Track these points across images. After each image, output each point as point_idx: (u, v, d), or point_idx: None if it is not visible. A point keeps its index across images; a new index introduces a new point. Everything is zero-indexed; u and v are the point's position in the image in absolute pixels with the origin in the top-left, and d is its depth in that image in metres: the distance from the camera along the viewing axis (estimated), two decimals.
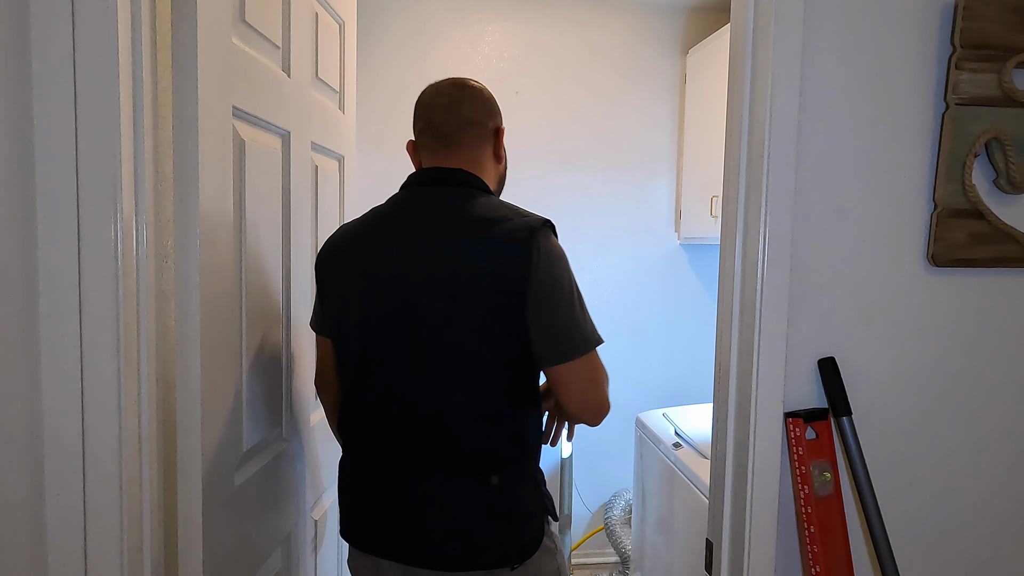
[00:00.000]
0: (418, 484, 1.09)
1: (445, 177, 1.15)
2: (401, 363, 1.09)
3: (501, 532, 1.09)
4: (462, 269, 1.05)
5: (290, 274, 1.24)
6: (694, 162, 2.62)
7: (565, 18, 2.64)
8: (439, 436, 1.08)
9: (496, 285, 1.04)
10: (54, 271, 0.80)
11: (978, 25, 1.02)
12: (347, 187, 1.58)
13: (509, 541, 1.10)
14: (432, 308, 1.06)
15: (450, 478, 1.08)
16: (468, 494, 1.08)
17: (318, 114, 1.36)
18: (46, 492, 0.82)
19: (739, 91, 1.06)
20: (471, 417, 1.08)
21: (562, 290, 1.07)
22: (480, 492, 1.08)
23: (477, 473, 1.08)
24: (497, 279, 1.04)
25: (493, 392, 1.08)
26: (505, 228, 1.06)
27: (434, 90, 1.20)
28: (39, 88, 0.78)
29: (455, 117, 1.16)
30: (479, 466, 1.08)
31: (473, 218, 1.08)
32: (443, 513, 1.08)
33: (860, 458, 1.04)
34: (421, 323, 1.07)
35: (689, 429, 1.95)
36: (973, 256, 1.07)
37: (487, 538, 1.09)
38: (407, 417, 1.09)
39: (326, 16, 1.40)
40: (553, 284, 1.06)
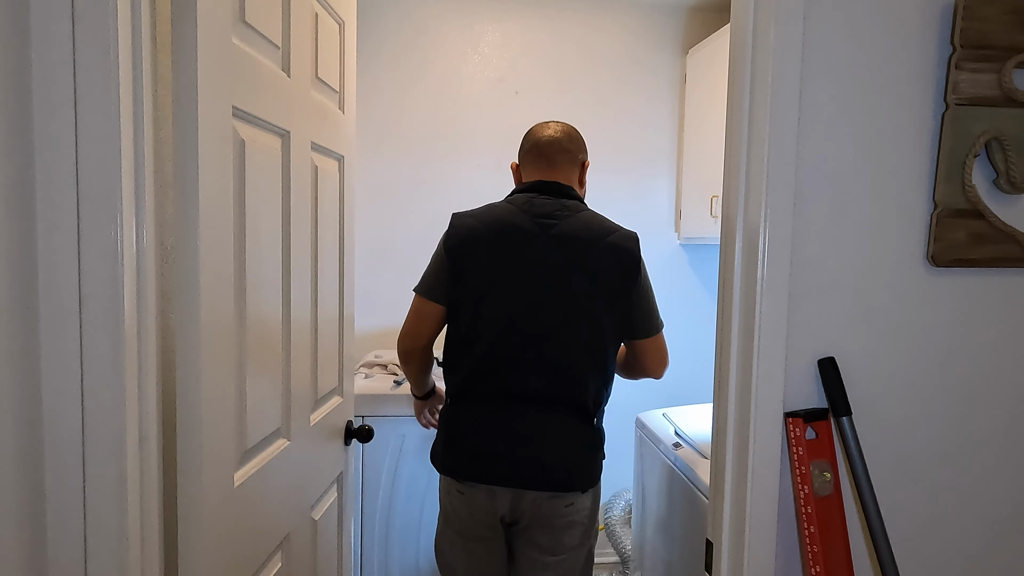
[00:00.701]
0: (543, 423, 1.44)
1: (560, 190, 1.53)
2: (544, 331, 1.43)
3: (591, 461, 1.49)
4: (595, 261, 1.44)
5: (290, 273, 1.24)
6: (694, 162, 2.62)
7: (565, 18, 2.64)
8: (568, 387, 1.44)
9: (618, 277, 1.45)
10: (54, 271, 0.80)
11: (978, 25, 1.02)
12: (347, 187, 1.58)
13: (592, 469, 1.49)
14: (573, 288, 1.43)
15: (566, 419, 1.46)
16: (579, 432, 1.47)
17: (318, 114, 1.36)
18: (46, 492, 0.82)
19: (739, 91, 1.06)
20: (592, 374, 1.46)
21: (649, 286, 1.53)
22: (587, 430, 1.48)
23: (588, 416, 1.48)
24: (619, 273, 1.46)
25: (605, 356, 1.47)
26: (620, 235, 1.49)
27: (543, 125, 1.62)
28: (39, 88, 0.78)
29: (562, 142, 1.57)
30: (591, 412, 1.48)
31: (595, 223, 1.49)
32: (558, 446, 1.45)
33: (860, 458, 1.04)
34: (564, 299, 1.43)
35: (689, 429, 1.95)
36: (973, 256, 1.07)
37: (585, 466, 1.48)
38: (543, 373, 1.43)
39: (326, 16, 1.40)
40: (646, 281, 1.52)
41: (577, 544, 1.50)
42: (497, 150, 2.65)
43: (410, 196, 2.65)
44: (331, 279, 1.49)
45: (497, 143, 2.64)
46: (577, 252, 1.44)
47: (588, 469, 1.48)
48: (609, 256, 1.44)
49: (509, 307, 1.44)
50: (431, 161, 2.63)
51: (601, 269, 1.44)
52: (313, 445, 1.40)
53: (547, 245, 1.44)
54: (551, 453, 1.44)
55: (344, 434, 1.62)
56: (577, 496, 1.47)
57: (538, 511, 1.46)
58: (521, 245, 1.44)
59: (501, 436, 1.45)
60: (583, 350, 1.45)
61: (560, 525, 1.47)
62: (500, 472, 1.45)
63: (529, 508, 1.47)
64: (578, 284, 1.43)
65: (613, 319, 1.46)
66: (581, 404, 1.46)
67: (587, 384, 1.45)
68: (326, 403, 1.49)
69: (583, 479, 1.47)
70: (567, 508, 1.46)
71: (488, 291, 1.45)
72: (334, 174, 1.49)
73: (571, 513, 1.47)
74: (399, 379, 2.23)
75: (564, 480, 1.45)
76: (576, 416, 1.46)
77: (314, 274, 1.37)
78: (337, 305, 1.54)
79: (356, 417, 1.91)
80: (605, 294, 1.44)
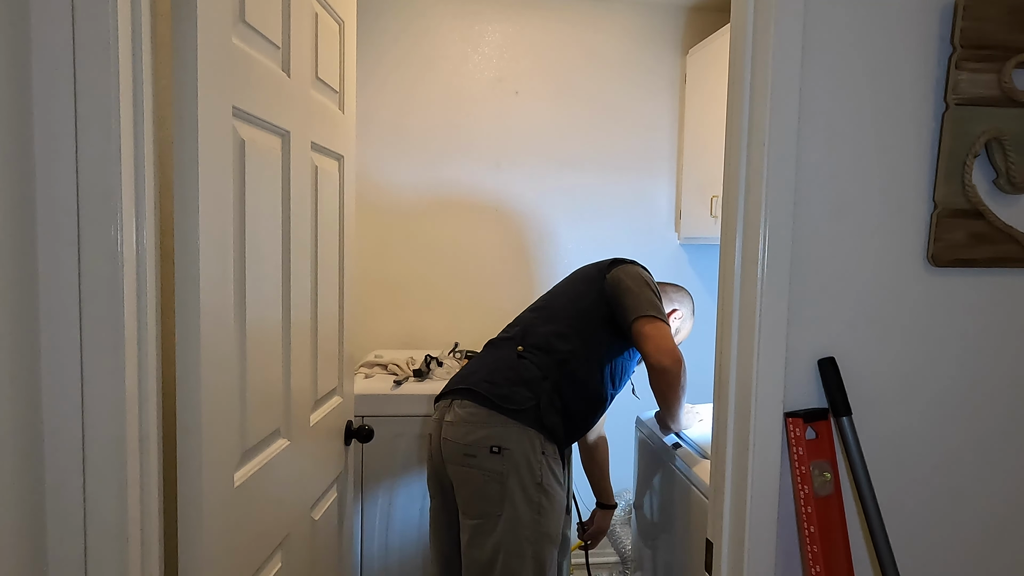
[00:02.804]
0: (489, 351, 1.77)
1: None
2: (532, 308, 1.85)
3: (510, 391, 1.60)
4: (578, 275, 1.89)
5: (290, 273, 1.24)
6: (694, 162, 2.62)
7: (565, 18, 2.64)
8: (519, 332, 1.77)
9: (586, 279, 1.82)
10: (54, 271, 0.80)
11: (978, 25, 1.02)
12: (347, 187, 1.58)
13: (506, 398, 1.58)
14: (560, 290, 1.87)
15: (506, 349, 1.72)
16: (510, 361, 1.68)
17: (318, 114, 1.36)
18: (46, 492, 0.82)
19: (739, 91, 1.06)
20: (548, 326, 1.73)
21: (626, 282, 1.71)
22: (519, 363, 1.66)
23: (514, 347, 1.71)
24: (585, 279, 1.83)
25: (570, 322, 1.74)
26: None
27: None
28: (39, 88, 0.78)
29: None
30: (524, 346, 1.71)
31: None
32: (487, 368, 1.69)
33: (860, 458, 1.04)
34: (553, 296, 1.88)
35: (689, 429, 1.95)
36: (973, 256, 1.07)
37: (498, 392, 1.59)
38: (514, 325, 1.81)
39: (326, 16, 1.40)
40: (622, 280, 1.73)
41: (492, 511, 1.54)
42: (497, 150, 2.65)
43: (410, 195, 2.65)
44: (331, 279, 1.49)
45: (497, 143, 2.64)
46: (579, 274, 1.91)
47: (497, 393, 1.58)
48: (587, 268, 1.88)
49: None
50: (431, 161, 2.63)
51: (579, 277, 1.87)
52: (313, 445, 1.40)
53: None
54: (479, 371, 1.68)
55: (344, 434, 1.62)
56: (482, 452, 1.54)
57: (447, 451, 1.60)
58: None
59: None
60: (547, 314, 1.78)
61: (465, 479, 1.57)
62: (448, 388, 1.69)
63: (445, 446, 1.61)
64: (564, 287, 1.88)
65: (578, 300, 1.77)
66: (522, 341, 1.71)
67: (537, 330, 1.73)
68: (326, 403, 1.49)
69: (489, 398, 1.57)
70: (467, 458, 1.56)
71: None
72: (334, 174, 1.49)
73: (471, 465, 1.55)
74: (399, 379, 2.23)
75: (468, 389, 1.62)
76: (511, 347, 1.71)
77: (314, 274, 1.37)
78: (337, 305, 1.54)
79: (356, 417, 1.91)
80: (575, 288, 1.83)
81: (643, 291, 1.68)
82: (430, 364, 2.29)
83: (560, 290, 1.85)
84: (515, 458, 1.55)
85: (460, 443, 1.58)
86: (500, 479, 1.55)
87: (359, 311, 2.56)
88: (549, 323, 1.74)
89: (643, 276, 1.74)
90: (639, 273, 1.74)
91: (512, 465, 1.55)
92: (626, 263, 1.78)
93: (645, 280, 1.73)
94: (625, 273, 1.73)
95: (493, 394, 1.59)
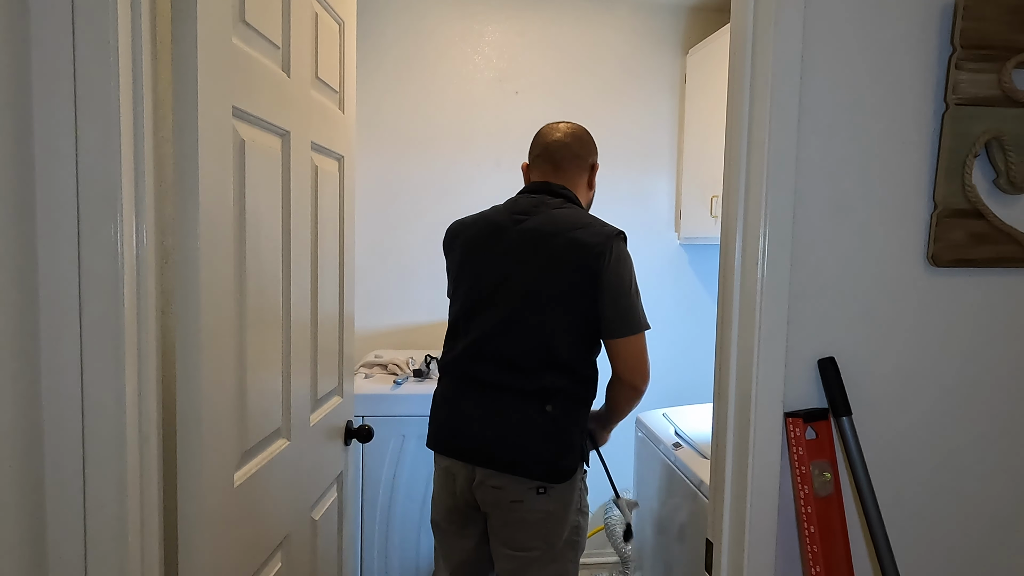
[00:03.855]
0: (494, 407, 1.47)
1: (550, 188, 1.56)
2: (498, 320, 1.46)
3: (544, 452, 1.44)
4: (549, 255, 1.44)
5: (290, 273, 1.24)
6: (694, 162, 2.62)
7: (565, 18, 2.64)
8: (516, 376, 1.45)
9: (575, 271, 1.43)
10: (54, 271, 0.80)
11: (978, 25, 1.02)
12: (347, 187, 1.58)
13: (545, 461, 1.44)
14: (525, 281, 1.45)
15: (516, 405, 1.46)
16: (528, 418, 1.45)
17: (318, 114, 1.36)
18: (46, 492, 0.82)
19: (739, 91, 1.06)
20: (542, 365, 1.45)
21: (626, 285, 1.47)
22: (539, 418, 1.44)
23: (539, 405, 1.45)
24: (576, 268, 1.43)
25: (558, 349, 1.45)
26: (588, 230, 1.45)
27: (552, 127, 1.63)
28: (39, 89, 0.78)
29: (568, 144, 1.59)
30: (542, 401, 1.45)
31: (567, 219, 1.48)
32: (506, 428, 1.45)
33: (860, 458, 1.04)
34: (517, 291, 1.46)
35: (689, 429, 1.95)
36: (973, 256, 1.07)
37: (535, 453, 1.44)
38: (495, 360, 1.47)
39: (326, 16, 1.40)
40: (617, 279, 1.45)
41: (536, 547, 1.46)
42: (497, 149, 2.65)
43: (410, 196, 2.65)
44: (331, 279, 1.49)
45: (497, 143, 2.64)
46: (535, 245, 1.45)
47: (540, 458, 1.44)
48: (566, 250, 1.43)
49: (473, 297, 1.52)
50: (431, 161, 2.63)
51: (554, 262, 1.43)
52: (313, 445, 1.40)
53: (511, 239, 1.48)
54: (496, 433, 1.46)
55: (344, 434, 1.62)
56: (529, 495, 1.44)
57: (488, 496, 1.48)
58: (491, 240, 1.51)
59: (459, 415, 1.52)
60: (531, 341, 1.45)
61: (512, 520, 1.47)
62: (454, 447, 1.51)
63: (480, 491, 1.49)
64: (529, 276, 1.45)
65: (568, 313, 1.44)
66: (530, 393, 1.45)
67: (537, 375, 1.44)
68: (326, 403, 1.49)
69: (532, 468, 1.44)
70: (513, 504, 1.45)
71: (461, 283, 1.55)
72: (334, 174, 1.49)
73: (520, 510, 1.45)
74: (399, 379, 2.23)
75: (509, 461, 1.44)
76: (527, 404, 1.45)
77: (314, 274, 1.37)
78: (337, 305, 1.54)
79: (356, 417, 1.91)
80: (556, 287, 1.44)
81: (637, 298, 1.50)
82: (430, 364, 2.29)
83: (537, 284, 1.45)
84: (562, 494, 1.48)
85: (504, 492, 1.47)
86: (548, 516, 1.48)
87: (360, 311, 2.56)
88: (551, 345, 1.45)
89: (633, 271, 1.52)
90: (632, 267, 1.51)
91: (560, 501, 1.48)
92: (621, 244, 1.47)
93: (635, 277, 1.52)
94: (625, 269, 1.47)
95: (537, 473, 1.45)
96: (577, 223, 1.47)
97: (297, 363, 1.28)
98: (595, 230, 1.46)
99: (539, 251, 1.45)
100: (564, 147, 1.59)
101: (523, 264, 1.46)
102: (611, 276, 1.43)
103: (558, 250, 1.43)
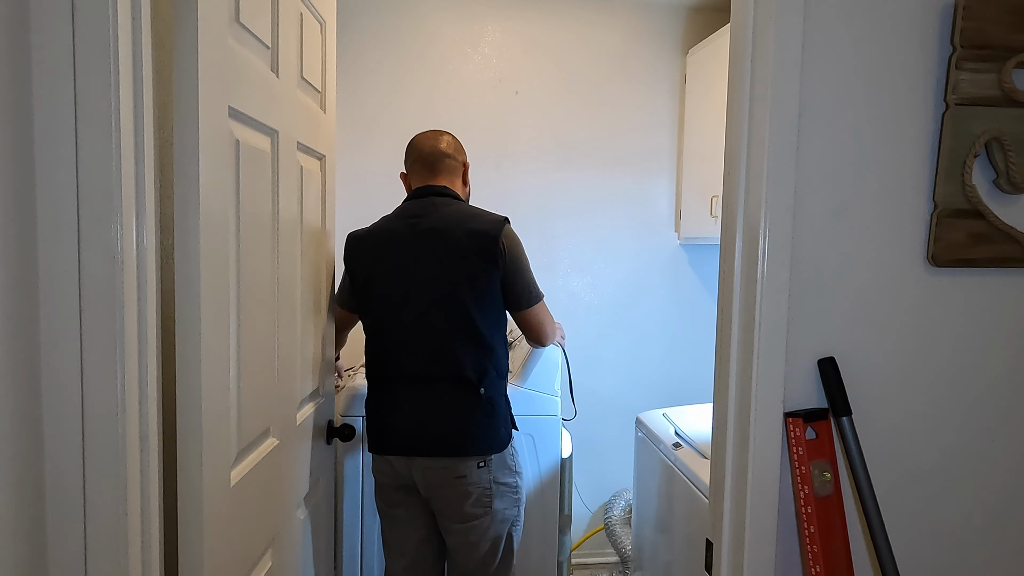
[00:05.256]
0: (426, 398, 1.61)
1: (434, 190, 1.69)
2: (417, 316, 1.59)
3: (482, 429, 1.61)
4: (452, 248, 1.58)
5: (279, 275, 1.24)
6: (694, 162, 2.62)
7: (565, 18, 2.64)
8: (443, 364, 1.59)
9: (475, 257, 1.58)
10: (54, 271, 0.80)
11: (978, 25, 1.02)
12: (328, 187, 1.58)
13: (483, 436, 1.62)
14: (435, 275, 1.59)
15: (447, 391, 1.60)
16: (461, 402, 1.60)
17: (303, 114, 1.35)
18: (46, 492, 0.82)
19: (739, 91, 1.06)
20: (465, 349, 1.59)
21: (521, 263, 1.65)
22: (471, 400, 1.60)
23: (471, 387, 1.60)
24: (475, 253, 1.58)
25: (476, 331, 1.59)
26: (481, 220, 1.62)
27: (423, 135, 1.76)
28: (39, 88, 0.78)
29: (440, 148, 1.72)
30: (473, 383, 1.60)
31: (458, 214, 1.63)
32: (441, 416, 1.60)
33: (860, 458, 1.04)
34: (429, 286, 1.59)
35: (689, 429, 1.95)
36: (973, 256, 1.07)
37: (474, 433, 1.60)
38: (420, 353, 1.60)
39: (309, 16, 1.39)
40: (516, 260, 1.63)
41: (482, 514, 1.64)
42: (497, 150, 2.65)
43: None
44: (315, 279, 1.49)
45: (497, 143, 2.64)
46: (437, 242, 1.59)
47: (480, 436, 1.61)
48: (466, 240, 1.58)
49: (387, 302, 1.63)
50: None
51: (458, 253, 1.58)
52: (299, 444, 1.40)
53: (412, 241, 1.61)
54: (434, 421, 1.60)
55: (326, 433, 1.63)
56: (470, 468, 1.60)
57: (431, 480, 1.62)
58: (392, 246, 1.63)
59: (395, 413, 1.64)
60: (452, 329, 1.59)
61: (454, 495, 1.62)
62: (394, 444, 1.64)
63: (422, 476, 1.63)
64: (439, 270, 1.59)
65: (478, 296, 1.59)
66: (461, 377, 1.60)
67: (462, 358, 1.59)
68: (309, 403, 1.50)
69: (475, 446, 1.60)
70: (457, 480, 1.61)
71: (372, 291, 1.65)
72: (317, 173, 1.49)
73: (463, 484, 1.61)
74: None
75: (454, 445, 1.60)
76: (458, 387, 1.60)
77: (300, 274, 1.37)
78: (319, 307, 1.54)
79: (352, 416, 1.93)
80: (465, 274, 1.58)
81: (530, 270, 1.66)
82: None
83: (446, 275, 1.58)
84: (499, 462, 1.67)
85: (448, 471, 1.62)
86: (490, 484, 1.65)
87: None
88: (471, 329, 1.59)
89: (523, 248, 1.66)
90: (522, 245, 1.66)
91: (499, 469, 1.67)
92: (509, 227, 1.63)
93: (525, 253, 1.67)
94: (519, 248, 1.63)
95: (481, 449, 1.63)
96: (469, 215, 1.63)
97: (284, 361, 1.28)
98: (486, 218, 1.62)
99: (440, 246, 1.59)
100: (438, 151, 1.72)
101: (428, 260, 1.59)
102: (510, 256, 1.60)
103: (458, 241, 1.58)
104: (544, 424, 2.04)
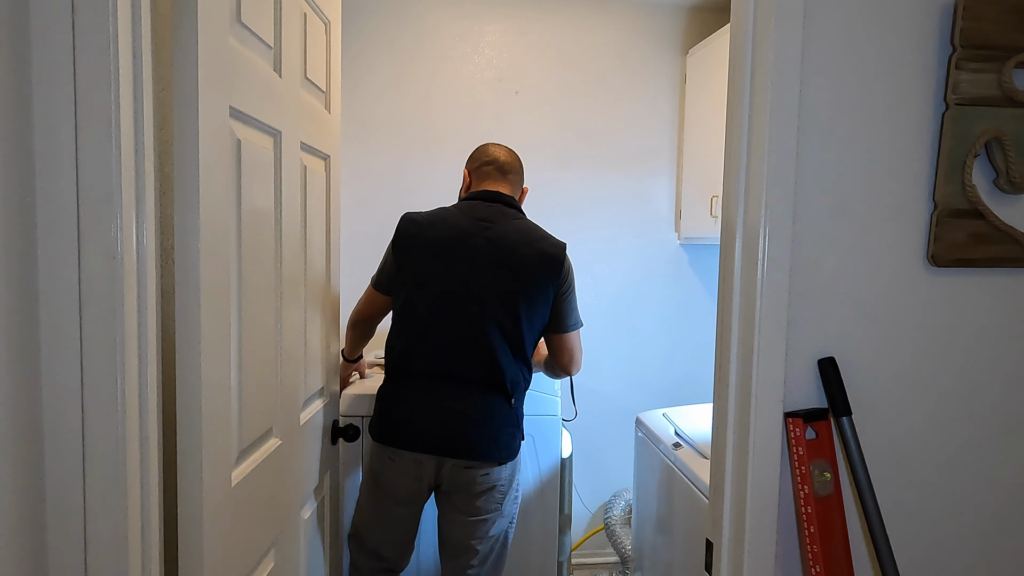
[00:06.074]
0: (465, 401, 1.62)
1: (504, 199, 1.72)
2: (471, 319, 1.61)
3: (509, 439, 1.67)
4: (519, 263, 1.62)
5: (282, 275, 1.24)
6: (694, 162, 2.62)
7: (565, 18, 2.64)
8: (488, 370, 1.62)
9: (541, 278, 1.64)
10: (54, 271, 0.80)
11: (978, 25, 1.02)
12: (333, 187, 1.58)
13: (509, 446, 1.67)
14: (498, 284, 1.61)
15: (486, 398, 1.63)
16: (498, 410, 1.64)
17: (307, 114, 1.35)
18: (46, 492, 0.82)
19: (739, 91, 1.06)
20: (509, 360, 1.63)
21: (573, 289, 1.72)
22: (505, 409, 1.65)
23: (506, 397, 1.65)
24: (541, 274, 1.64)
25: (523, 345, 1.64)
26: (548, 242, 1.67)
27: (495, 145, 1.82)
28: (39, 88, 0.78)
29: (514, 163, 1.79)
30: (509, 393, 1.64)
31: (526, 231, 1.68)
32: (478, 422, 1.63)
33: (860, 458, 1.04)
34: (490, 293, 1.61)
35: (689, 429, 1.95)
36: (973, 256, 1.07)
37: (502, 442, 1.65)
38: (467, 356, 1.62)
39: (313, 16, 1.39)
40: (571, 286, 1.71)
41: (494, 510, 1.68)
42: None
43: (412, 196, 2.65)
44: (319, 280, 1.49)
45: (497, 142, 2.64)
46: (505, 253, 1.62)
47: (505, 445, 1.66)
48: (534, 260, 1.63)
49: (441, 297, 1.62)
50: (432, 161, 2.63)
51: (525, 270, 1.62)
52: (302, 444, 1.40)
53: (481, 244, 1.62)
54: (471, 428, 1.63)
55: (331, 433, 1.63)
56: (493, 468, 1.65)
57: (457, 478, 1.64)
58: (457, 243, 1.63)
59: (428, 411, 1.63)
60: (502, 339, 1.62)
61: (476, 491, 1.65)
62: (426, 442, 1.63)
63: (449, 473, 1.64)
64: (502, 281, 1.61)
65: (531, 313, 1.64)
66: (499, 385, 1.63)
67: (505, 368, 1.62)
68: (313, 403, 1.49)
69: (500, 453, 1.65)
70: (483, 477, 1.65)
71: (424, 281, 1.64)
72: (321, 174, 1.49)
73: (487, 482, 1.65)
74: None
75: (483, 452, 1.63)
76: (495, 396, 1.64)
77: (303, 275, 1.37)
78: (325, 306, 1.54)
79: (357, 416, 1.92)
80: (526, 291, 1.62)
81: (575, 296, 1.73)
82: None
83: (511, 287, 1.61)
84: (513, 463, 1.72)
85: (473, 470, 1.65)
86: (506, 482, 1.70)
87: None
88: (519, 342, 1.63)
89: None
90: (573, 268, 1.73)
91: (512, 468, 1.72)
92: (567, 254, 1.69)
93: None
94: (573, 276, 1.71)
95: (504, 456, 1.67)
96: (537, 235, 1.67)
97: (288, 361, 1.28)
98: (553, 242, 1.68)
99: (508, 257, 1.61)
100: (512, 164, 1.78)
101: (493, 268, 1.61)
102: (567, 283, 1.68)
103: (525, 258, 1.62)
104: (544, 424, 2.04)
